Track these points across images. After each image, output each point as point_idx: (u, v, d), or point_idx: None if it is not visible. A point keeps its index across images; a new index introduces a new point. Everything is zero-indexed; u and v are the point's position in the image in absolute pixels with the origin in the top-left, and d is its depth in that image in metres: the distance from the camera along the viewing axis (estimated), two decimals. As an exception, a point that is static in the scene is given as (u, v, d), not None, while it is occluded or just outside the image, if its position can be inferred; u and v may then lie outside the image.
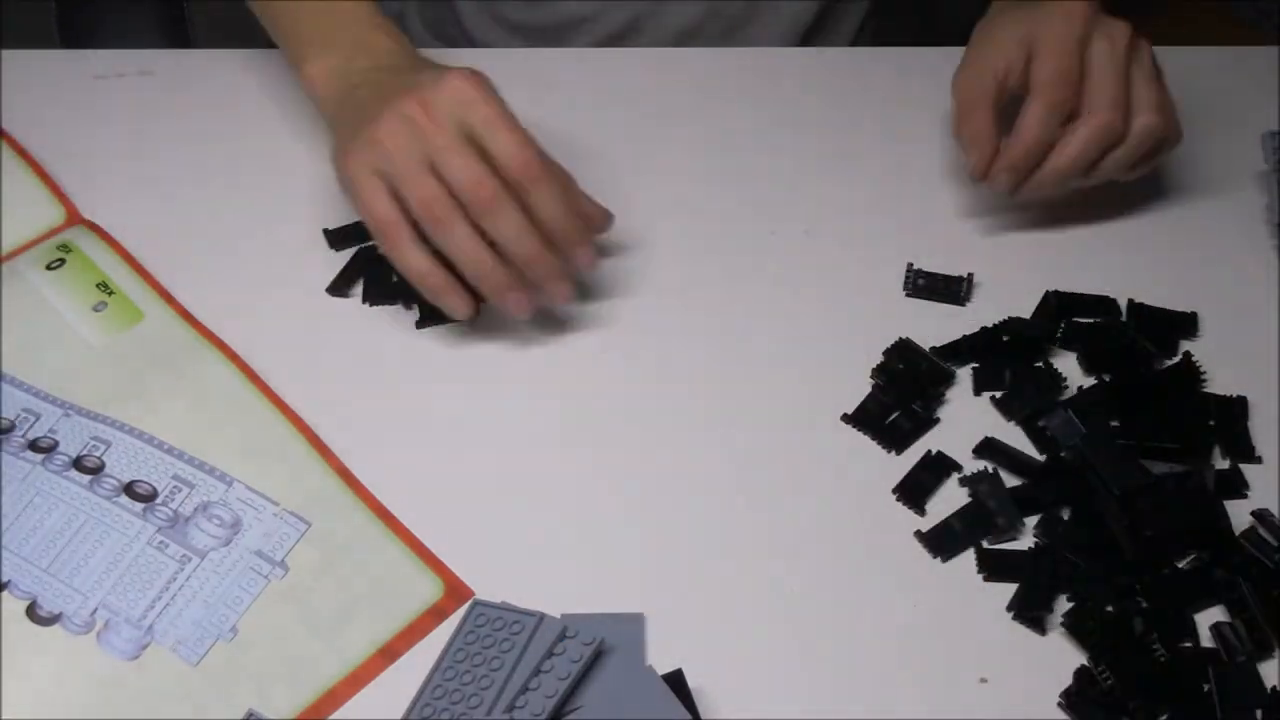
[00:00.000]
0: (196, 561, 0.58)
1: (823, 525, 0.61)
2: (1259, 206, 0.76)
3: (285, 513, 0.60)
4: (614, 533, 0.61)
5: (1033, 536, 0.60)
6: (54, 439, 0.61)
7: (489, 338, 0.69)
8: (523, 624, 0.53)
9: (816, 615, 0.58)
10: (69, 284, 0.68)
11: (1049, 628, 0.57)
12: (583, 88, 0.83)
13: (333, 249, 0.73)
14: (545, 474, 0.63)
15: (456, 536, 0.60)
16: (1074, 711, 0.54)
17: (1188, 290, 0.71)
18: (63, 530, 0.58)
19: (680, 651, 0.55)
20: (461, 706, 0.52)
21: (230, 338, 0.67)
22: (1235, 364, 0.68)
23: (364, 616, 0.57)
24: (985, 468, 0.63)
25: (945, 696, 0.55)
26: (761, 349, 0.69)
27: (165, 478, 0.60)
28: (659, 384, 0.67)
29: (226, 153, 0.78)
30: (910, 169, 0.78)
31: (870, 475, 0.63)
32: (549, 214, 0.65)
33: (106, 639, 0.55)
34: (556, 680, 0.51)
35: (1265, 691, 0.55)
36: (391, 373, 0.67)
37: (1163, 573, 0.58)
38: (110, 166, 0.77)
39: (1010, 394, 0.65)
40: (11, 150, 0.76)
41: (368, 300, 0.70)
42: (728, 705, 0.55)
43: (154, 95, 0.82)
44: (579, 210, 0.67)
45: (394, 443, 0.64)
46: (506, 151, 0.64)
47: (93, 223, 0.73)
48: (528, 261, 0.65)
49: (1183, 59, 0.76)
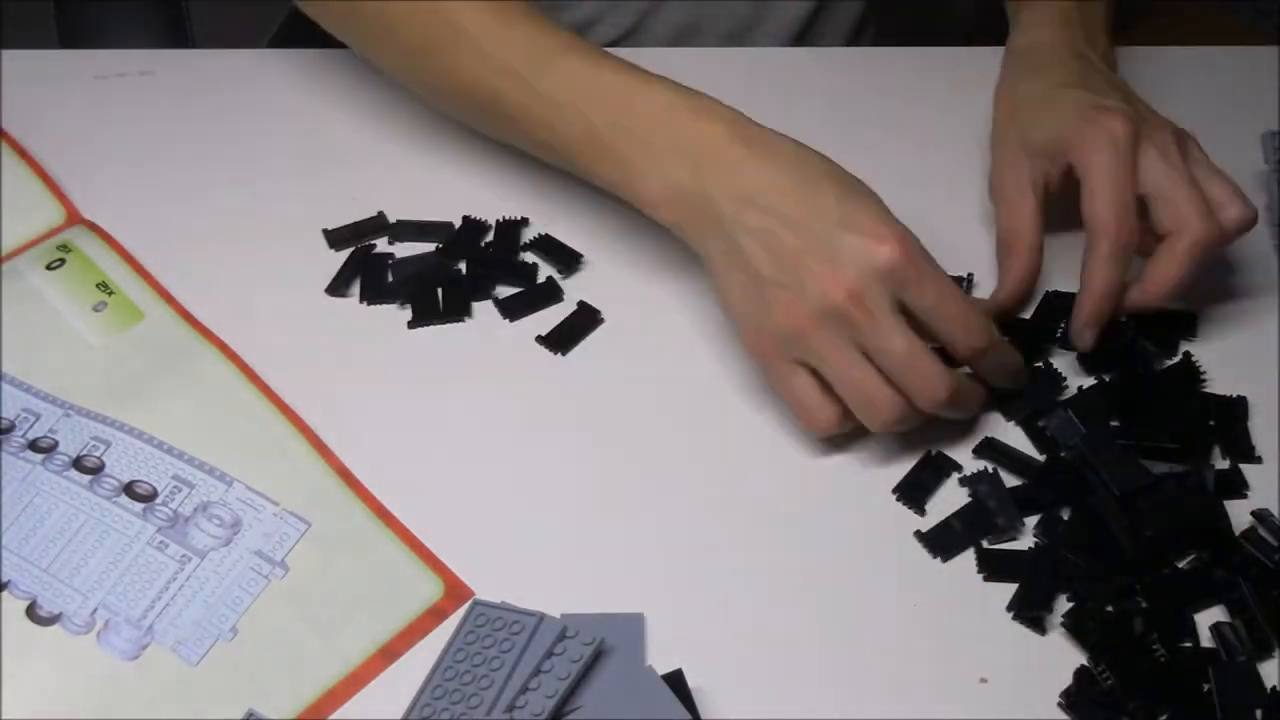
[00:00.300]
0: (196, 561, 0.58)
1: (823, 525, 0.61)
2: (1259, 206, 0.76)
3: (285, 513, 0.60)
4: (614, 533, 0.61)
5: (1033, 536, 0.60)
6: (54, 439, 0.61)
7: (490, 337, 0.69)
8: (522, 624, 0.53)
9: (817, 615, 0.58)
10: (69, 284, 0.68)
11: (1049, 628, 0.57)
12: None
13: (331, 249, 0.73)
14: (545, 474, 0.63)
15: (456, 536, 0.60)
16: (1074, 711, 0.54)
17: (1188, 290, 0.71)
18: (63, 530, 0.58)
19: (680, 651, 0.55)
20: (461, 706, 0.52)
21: (230, 338, 0.67)
22: (1235, 364, 0.67)
23: (364, 616, 0.57)
24: (985, 468, 0.63)
25: (945, 696, 0.55)
26: (761, 349, 0.69)
27: (165, 478, 0.60)
28: (659, 383, 0.67)
29: (226, 153, 0.78)
30: (910, 169, 0.78)
31: (870, 475, 0.63)
32: (1002, 370, 0.63)
33: (106, 639, 0.55)
34: (556, 680, 0.51)
35: (1265, 691, 0.54)
36: (392, 372, 0.67)
37: (1163, 573, 0.58)
38: (110, 166, 0.77)
39: (1010, 394, 0.65)
40: (11, 150, 0.76)
41: (365, 299, 0.70)
42: (728, 705, 0.54)
43: (154, 95, 0.82)
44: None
45: (394, 442, 0.64)
46: (957, 341, 0.60)
47: (93, 223, 0.73)
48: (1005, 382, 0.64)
49: (1183, 59, 0.76)
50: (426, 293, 0.70)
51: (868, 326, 0.58)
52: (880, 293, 0.58)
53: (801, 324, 0.58)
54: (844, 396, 0.60)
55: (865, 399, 0.59)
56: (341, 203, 0.75)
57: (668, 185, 0.62)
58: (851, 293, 0.57)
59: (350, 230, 0.73)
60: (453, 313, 0.69)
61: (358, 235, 0.73)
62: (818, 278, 0.58)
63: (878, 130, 0.81)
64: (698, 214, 0.61)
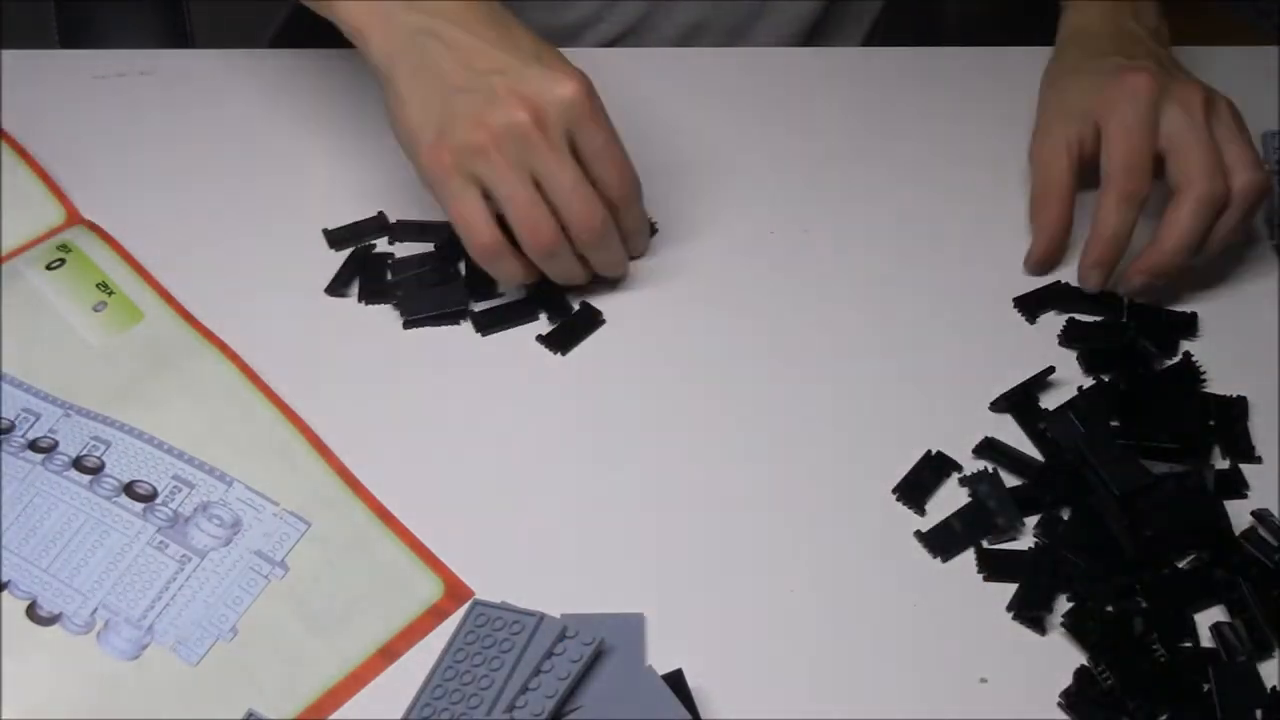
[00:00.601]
0: (196, 561, 0.58)
1: (822, 525, 0.61)
2: (1259, 206, 0.76)
3: (285, 513, 0.60)
4: (614, 533, 0.61)
5: (1033, 536, 0.60)
6: (54, 439, 0.61)
7: (490, 337, 0.69)
8: (522, 624, 0.53)
9: (816, 615, 0.58)
10: (69, 284, 0.68)
11: (1049, 628, 0.57)
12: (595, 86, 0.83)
13: (331, 249, 0.73)
14: (545, 473, 0.63)
15: (456, 536, 0.60)
16: (1074, 711, 0.54)
17: (1188, 290, 0.71)
18: (63, 530, 0.58)
19: (680, 651, 0.55)
20: (461, 706, 0.52)
21: (230, 338, 0.67)
22: (1235, 364, 0.68)
23: (364, 616, 0.57)
24: (985, 468, 0.63)
25: (945, 696, 0.55)
26: (759, 347, 0.69)
27: (165, 478, 0.60)
28: (658, 383, 0.67)
29: (226, 152, 0.78)
30: (918, 167, 0.79)
31: (870, 475, 0.63)
32: (634, 229, 0.69)
33: (106, 639, 0.55)
34: (556, 680, 0.51)
35: (1265, 691, 0.55)
36: (392, 372, 0.67)
37: (1163, 573, 0.58)
38: (110, 166, 0.77)
39: (1010, 394, 0.65)
40: (11, 150, 0.76)
41: (364, 299, 0.70)
42: (728, 705, 0.54)
43: (154, 95, 0.82)
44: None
45: (394, 442, 0.64)
46: (612, 184, 0.66)
47: (93, 223, 0.73)
48: (614, 270, 0.69)
49: (1183, 59, 0.76)
50: (425, 292, 0.70)
51: (543, 151, 0.62)
52: (559, 122, 0.62)
53: (483, 139, 0.62)
54: (511, 216, 0.64)
55: (530, 220, 0.63)
56: (341, 203, 0.75)
57: (374, 8, 0.65)
58: (536, 115, 0.62)
59: (350, 230, 0.73)
60: (449, 316, 0.69)
61: (357, 235, 0.73)
62: (506, 95, 0.62)
63: (880, 130, 0.81)
64: (396, 29, 0.65)
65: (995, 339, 0.69)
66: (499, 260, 0.65)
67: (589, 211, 0.64)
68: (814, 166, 0.78)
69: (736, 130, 0.81)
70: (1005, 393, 0.65)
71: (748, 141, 0.80)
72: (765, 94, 0.84)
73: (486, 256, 0.65)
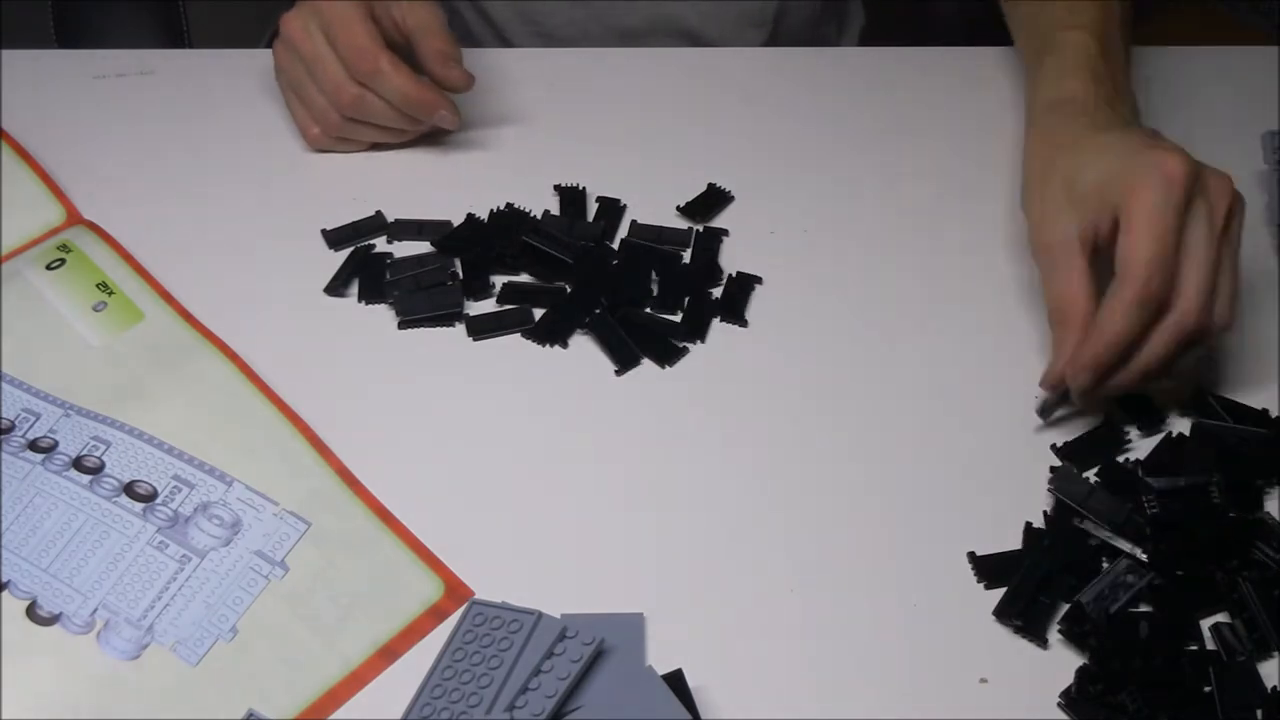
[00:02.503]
0: (196, 561, 0.58)
1: (822, 524, 0.61)
2: (1259, 206, 0.76)
3: (285, 513, 0.60)
4: (614, 533, 0.61)
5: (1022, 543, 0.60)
6: (54, 439, 0.61)
7: (490, 337, 0.69)
8: (521, 623, 0.53)
9: (816, 615, 0.58)
10: (69, 284, 0.68)
11: (1048, 630, 0.57)
12: (598, 87, 0.83)
13: (330, 249, 0.73)
14: (545, 474, 0.63)
15: (456, 536, 0.60)
16: (1074, 711, 0.54)
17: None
18: (63, 530, 0.58)
19: (680, 651, 0.55)
20: (461, 706, 0.52)
21: (230, 338, 0.67)
22: (1235, 364, 0.67)
23: (364, 616, 0.57)
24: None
25: (945, 696, 0.55)
26: (759, 346, 0.69)
27: (165, 478, 0.60)
28: (658, 383, 0.67)
29: (226, 152, 0.78)
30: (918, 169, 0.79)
31: (870, 474, 0.63)
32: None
33: (106, 639, 0.55)
34: (556, 680, 0.51)
35: (1265, 691, 0.54)
36: (391, 372, 0.67)
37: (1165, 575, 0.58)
38: (110, 166, 0.77)
39: (1073, 446, 0.63)
40: (11, 150, 0.76)
41: (363, 299, 0.70)
42: (728, 705, 0.54)
43: (154, 95, 0.82)
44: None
45: (394, 442, 0.64)
46: (430, 50, 0.74)
47: (93, 223, 0.73)
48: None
49: (1183, 59, 0.76)
50: (421, 294, 0.70)
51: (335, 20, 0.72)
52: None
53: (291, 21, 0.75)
54: (309, 73, 0.74)
55: (323, 68, 0.73)
56: (341, 203, 0.75)
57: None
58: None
59: (349, 230, 0.73)
60: (444, 318, 0.69)
61: (356, 235, 0.73)
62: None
63: (879, 131, 0.81)
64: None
65: (995, 338, 0.69)
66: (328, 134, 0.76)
67: (365, 54, 0.73)
68: (814, 166, 0.78)
69: (737, 130, 0.81)
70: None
71: (748, 141, 0.80)
72: (766, 94, 0.84)
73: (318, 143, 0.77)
